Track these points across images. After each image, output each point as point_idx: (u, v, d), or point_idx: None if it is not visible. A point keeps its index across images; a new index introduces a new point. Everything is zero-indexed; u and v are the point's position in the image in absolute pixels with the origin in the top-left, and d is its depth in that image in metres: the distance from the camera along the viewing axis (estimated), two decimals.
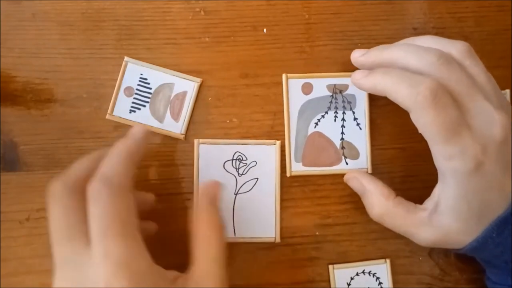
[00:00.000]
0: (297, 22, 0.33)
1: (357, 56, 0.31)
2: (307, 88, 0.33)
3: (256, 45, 0.33)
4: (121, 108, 0.32)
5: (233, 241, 0.32)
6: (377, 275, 0.32)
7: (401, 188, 0.33)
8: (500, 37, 0.34)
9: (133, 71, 0.32)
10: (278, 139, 0.32)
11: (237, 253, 0.32)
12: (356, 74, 0.30)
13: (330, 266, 0.32)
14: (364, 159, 0.33)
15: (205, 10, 0.33)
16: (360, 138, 0.33)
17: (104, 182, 0.24)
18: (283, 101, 0.33)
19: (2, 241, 0.31)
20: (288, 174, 0.32)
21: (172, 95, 0.32)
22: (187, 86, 0.32)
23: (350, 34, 0.34)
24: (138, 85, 0.32)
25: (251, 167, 0.32)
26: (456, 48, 0.28)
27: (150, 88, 0.32)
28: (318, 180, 0.33)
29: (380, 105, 0.33)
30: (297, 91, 0.33)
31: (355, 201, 0.33)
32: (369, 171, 0.33)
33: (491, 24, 0.34)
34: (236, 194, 0.32)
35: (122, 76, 0.32)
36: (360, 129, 0.33)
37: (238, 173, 0.32)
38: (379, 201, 0.30)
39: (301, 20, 0.33)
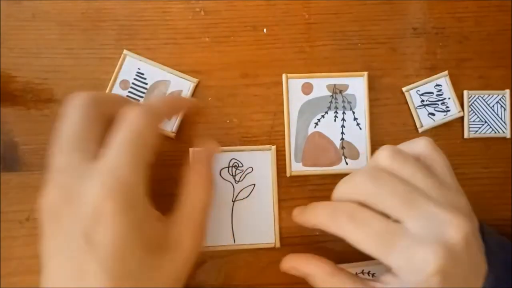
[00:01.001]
0: (297, 22, 0.33)
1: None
2: (307, 88, 0.33)
3: (256, 45, 0.33)
4: None
5: (232, 249, 0.32)
6: (376, 275, 0.32)
7: None
8: (500, 37, 0.34)
9: (131, 65, 0.32)
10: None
11: (237, 253, 0.32)
12: (294, 211, 0.30)
13: None
14: (364, 159, 0.33)
15: (205, 10, 0.33)
16: (360, 138, 0.33)
17: (147, 110, 0.25)
18: (283, 101, 0.33)
19: (2, 241, 0.31)
20: (288, 174, 0.32)
21: (167, 93, 0.32)
22: (183, 85, 0.32)
23: (350, 34, 0.34)
24: (135, 79, 0.32)
25: (247, 173, 0.32)
26: (381, 156, 0.27)
27: (146, 84, 0.32)
28: (318, 180, 0.33)
29: (380, 105, 0.33)
30: (297, 91, 0.33)
31: None
32: None
33: (491, 24, 0.34)
34: (233, 201, 0.32)
35: (120, 68, 0.32)
36: (360, 129, 0.33)
37: (235, 180, 0.32)
38: (324, 281, 0.27)
39: (301, 20, 0.33)
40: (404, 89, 0.33)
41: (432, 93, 0.33)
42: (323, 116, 0.33)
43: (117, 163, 0.23)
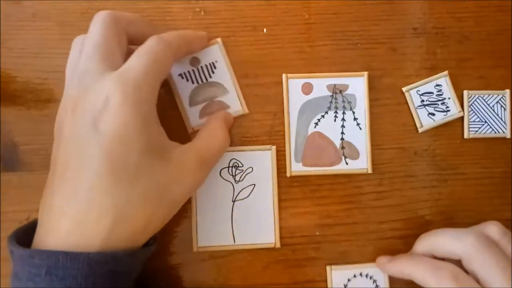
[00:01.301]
0: (297, 22, 0.33)
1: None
2: (307, 88, 0.33)
3: (256, 45, 0.33)
4: (177, 67, 0.32)
5: (232, 249, 0.32)
6: (374, 277, 0.32)
7: (401, 188, 0.33)
8: (500, 37, 0.34)
9: (212, 54, 0.32)
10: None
11: (237, 253, 0.32)
12: (381, 259, 0.32)
13: (328, 267, 0.32)
14: (364, 159, 0.33)
15: (205, 10, 0.33)
16: (360, 138, 0.33)
17: (166, 41, 0.27)
18: (283, 101, 0.33)
19: (2, 241, 0.31)
20: (288, 174, 0.32)
21: (218, 98, 0.32)
22: (234, 103, 0.32)
23: (350, 34, 0.34)
24: (206, 64, 0.32)
25: (247, 173, 0.32)
26: (492, 230, 0.29)
27: (211, 77, 0.32)
28: (318, 180, 0.33)
29: (380, 105, 0.33)
30: (297, 91, 0.33)
31: (355, 201, 0.33)
32: (369, 171, 0.33)
33: (491, 24, 0.34)
34: (234, 201, 0.32)
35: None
36: (360, 129, 0.33)
37: (235, 180, 0.32)
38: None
39: (301, 20, 0.33)
40: (404, 89, 0.33)
41: (432, 93, 0.33)
42: (323, 116, 0.33)
43: (132, 66, 0.25)
